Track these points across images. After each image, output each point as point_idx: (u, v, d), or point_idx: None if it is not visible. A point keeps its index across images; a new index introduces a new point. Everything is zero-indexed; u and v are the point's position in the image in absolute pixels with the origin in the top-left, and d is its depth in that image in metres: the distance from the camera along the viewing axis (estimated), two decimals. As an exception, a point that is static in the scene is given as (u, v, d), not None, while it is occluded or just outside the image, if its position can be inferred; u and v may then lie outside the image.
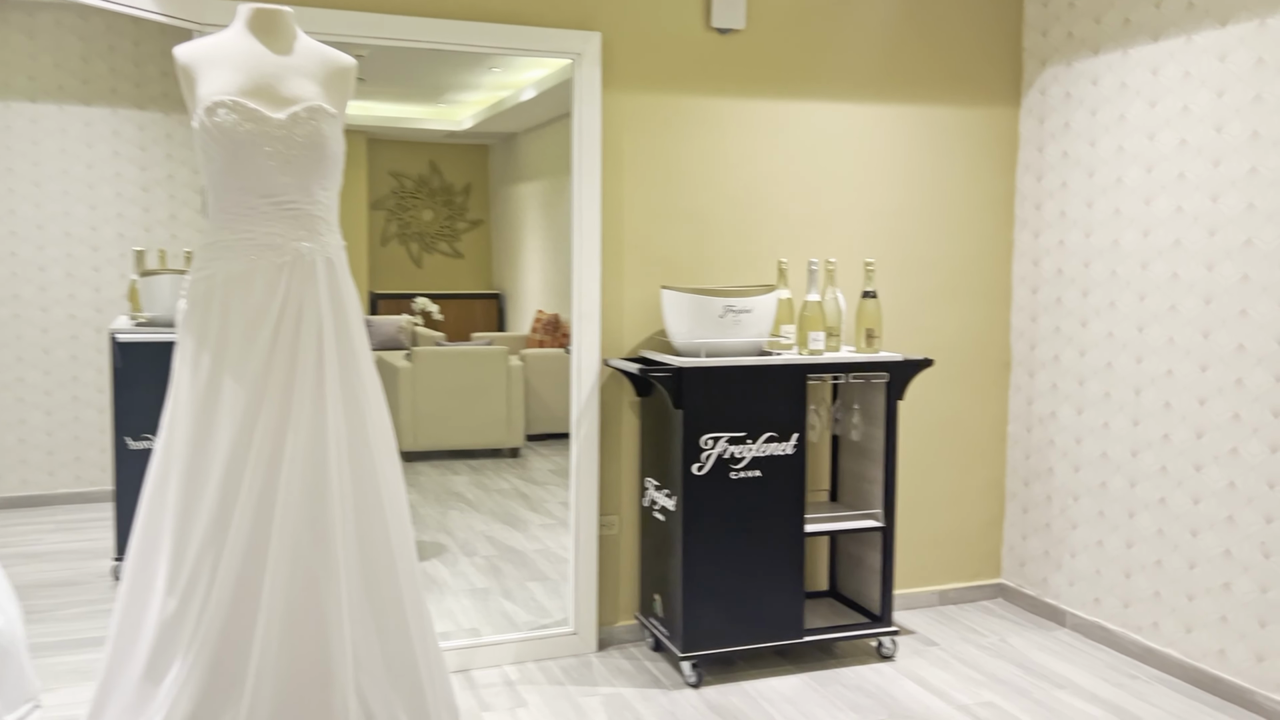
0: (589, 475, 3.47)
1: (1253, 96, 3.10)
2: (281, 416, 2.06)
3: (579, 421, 3.45)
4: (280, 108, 2.12)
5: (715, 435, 3.19)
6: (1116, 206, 3.58)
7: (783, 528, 3.30)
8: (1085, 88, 3.70)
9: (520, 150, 10.53)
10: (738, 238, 3.65)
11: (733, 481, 3.23)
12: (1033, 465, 4.00)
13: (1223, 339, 3.21)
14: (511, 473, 6.23)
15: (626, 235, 3.50)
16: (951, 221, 3.95)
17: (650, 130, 3.51)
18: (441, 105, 9.64)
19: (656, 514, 3.39)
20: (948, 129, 3.91)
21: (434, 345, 6.85)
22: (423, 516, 5.17)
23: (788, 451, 3.28)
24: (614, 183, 3.47)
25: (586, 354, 3.43)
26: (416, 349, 6.38)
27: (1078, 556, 3.79)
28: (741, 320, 3.21)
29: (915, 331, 3.93)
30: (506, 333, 9.04)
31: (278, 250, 2.11)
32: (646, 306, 3.54)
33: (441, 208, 11.64)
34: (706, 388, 3.17)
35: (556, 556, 4.52)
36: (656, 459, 3.38)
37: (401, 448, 6.47)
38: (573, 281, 3.44)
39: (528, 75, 8.00)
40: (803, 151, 3.71)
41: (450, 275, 11.72)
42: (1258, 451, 3.11)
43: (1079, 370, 3.76)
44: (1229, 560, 3.20)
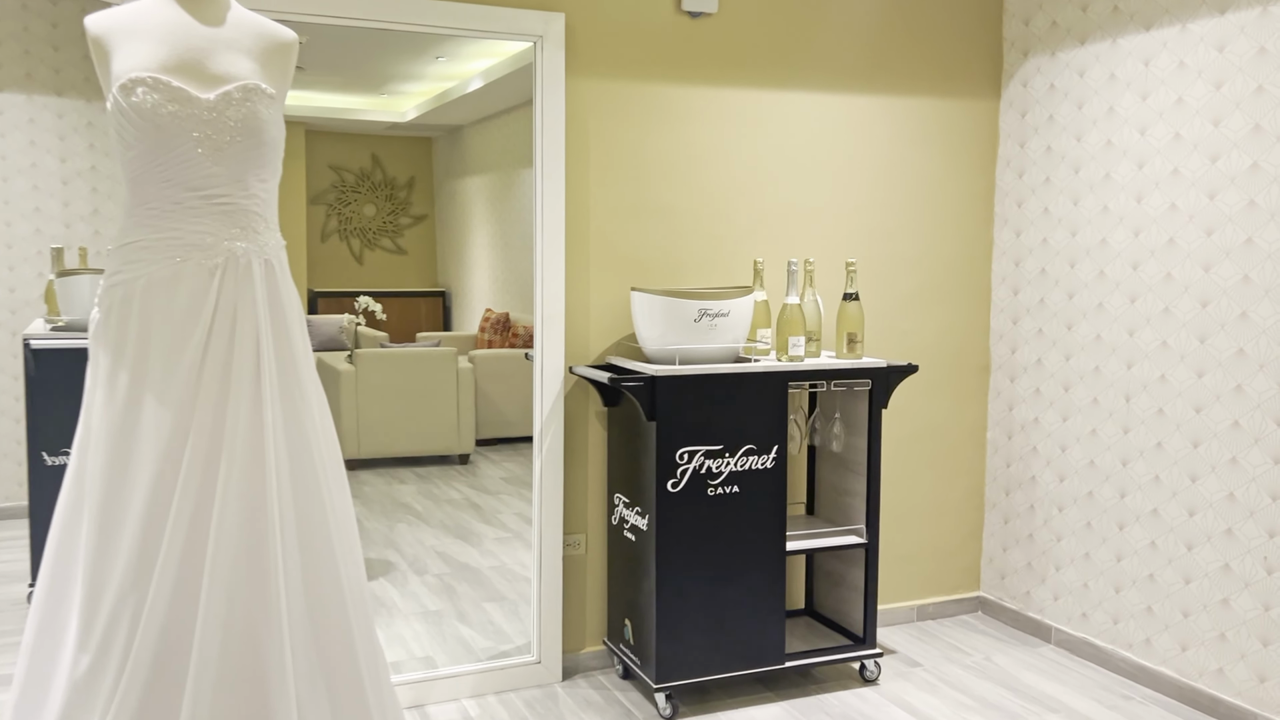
0: (553, 492, 3.21)
1: (1254, 88, 2.94)
2: (213, 443, 1.78)
3: (542, 434, 3.20)
4: (209, 87, 1.84)
5: (692, 449, 2.96)
6: (1105, 204, 3.42)
7: (763, 547, 3.08)
8: (1071, 79, 3.53)
9: (467, 143, 10.19)
10: (711, 236, 3.42)
11: (710, 498, 3.00)
12: (1014, 474, 3.83)
13: (1221, 343, 3.06)
14: (462, 481, 5.94)
15: (593, 233, 3.25)
16: (931, 219, 3.77)
17: (617, 120, 3.26)
18: (384, 96, 9.28)
19: (626, 533, 3.15)
20: (927, 122, 3.72)
21: (378, 346, 6.53)
22: (368, 531, 4.87)
23: (767, 465, 3.06)
24: (579, 176, 3.22)
25: (550, 361, 3.18)
26: (359, 350, 6.06)
27: (1063, 570, 3.62)
28: (718, 324, 2.99)
29: (894, 335, 3.74)
30: (453, 332, 8.73)
31: (208, 251, 1.83)
32: (614, 310, 3.30)
33: (384, 202, 11.26)
34: (682, 398, 2.94)
35: (514, 574, 4.25)
36: (626, 474, 3.14)
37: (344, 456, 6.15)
38: (535, 283, 3.18)
39: (475, 65, 7.70)
40: (778, 144, 3.50)
41: (394, 272, 11.34)
42: (1260, 462, 2.96)
43: (1064, 375, 3.60)
44: (1228, 575, 3.05)
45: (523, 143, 8.70)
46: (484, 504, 5.37)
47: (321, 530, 1.87)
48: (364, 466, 6.24)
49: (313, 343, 7.36)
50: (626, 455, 3.13)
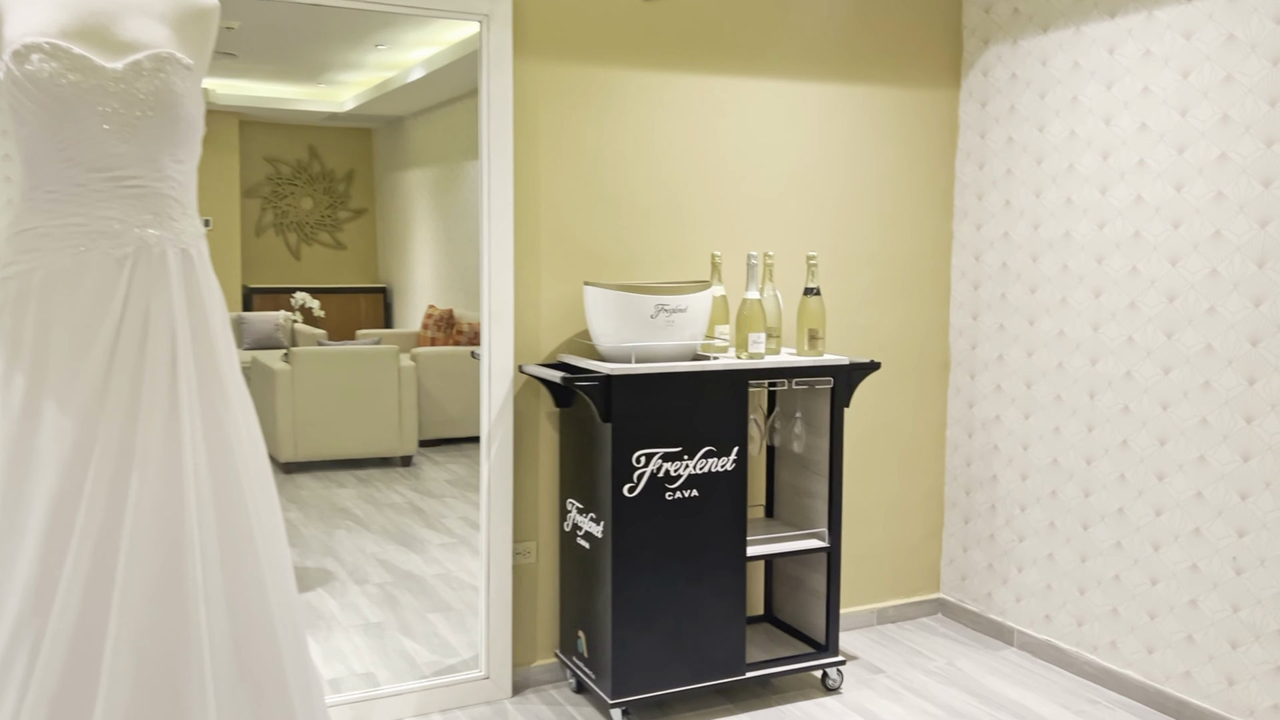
0: (501, 497, 3.05)
1: (1223, 77, 2.87)
2: (123, 455, 1.59)
3: (490, 436, 3.02)
4: (116, 55, 1.64)
5: (649, 451, 2.82)
6: (1068, 196, 3.34)
7: (723, 553, 2.94)
8: (1033, 68, 3.44)
9: (408, 134, 9.94)
10: (667, 228, 3.27)
11: (668, 503, 2.85)
12: (974, 473, 3.74)
13: (1189, 339, 2.99)
14: (404, 484, 5.73)
15: (543, 225, 3.09)
16: (891, 212, 3.66)
17: (569, 106, 3.10)
18: (321, 85, 8.98)
19: (580, 540, 2.99)
20: (887, 112, 3.61)
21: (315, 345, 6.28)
22: (305, 538, 4.65)
23: (728, 468, 2.92)
24: (528, 165, 3.05)
25: (498, 359, 3.01)
26: (295, 349, 5.82)
27: (1025, 571, 3.54)
28: (675, 321, 2.84)
29: (853, 330, 3.63)
30: (395, 330, 8.48)
31: (116, 239, 1.64)
32: (566, 305, 3.14)
33: (322, 196, 10.94)
34: (639, 398, 2.79)
35: (460, 581, 4.07)
36: (580, 479, 2.98)
37: (280, 458, 5.90)
38: (482, 277, 3.01)
39: (416, 54, 7.46)
40: (735, 133, 3.36)
41: (332, 268, 11.03)
42: (1228, 460, 2.89)
43: (1026, 372, 3.52)
44: (1196, 576, 2.99)
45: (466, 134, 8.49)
46: (428, 508, 5.17)
47: (247, 550, 1.69)
48: (301, 470, 6.00)
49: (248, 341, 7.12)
50: (580, 459, 2.98)
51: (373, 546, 4.51)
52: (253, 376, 6.37)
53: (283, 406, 5.81)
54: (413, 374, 6.11)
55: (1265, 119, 2.77)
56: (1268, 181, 2.77)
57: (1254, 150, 2.80)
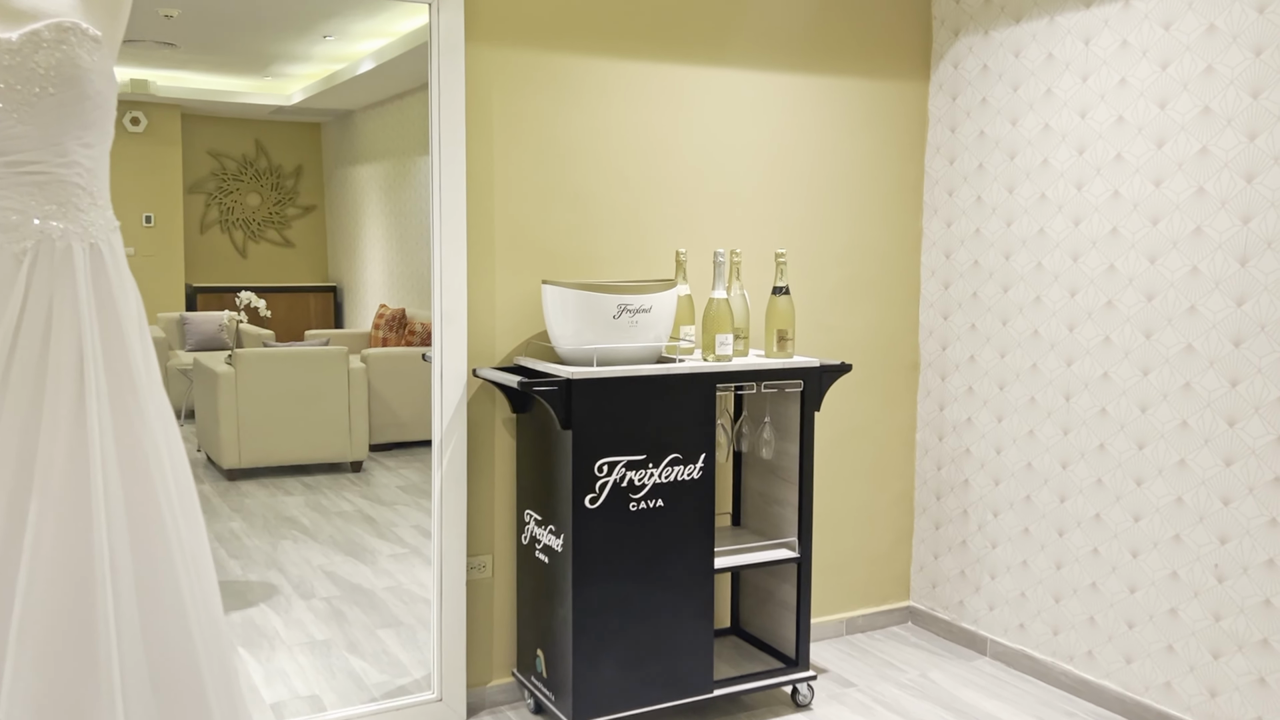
0: (455, 509, 2.87)
1: (1203, 68, 2.77)
2: (21, 476, 1.40)
3: (443, 444, 2.85)
4: (11, 24, 1.45)
5: (612, 460, 2.66)
6: (1042, 192, 3.23)
7: (690, 566, 2.79)
8: (1005, 60, 3.34)
9: (358, 129, 9.68)
10: (629, 224, 3.12)
11: (631, 514, 2.70)
12: (945, 477, 3.63)
13: (1168, 339, 2.89)
14: (354, 491, 5.52)
15: (498, 220, 2.92)
16: (859, 208, 3.54)
17: (525, 94, 2.93)
18: (267, 78, 8.70)
19: (539, 554, 2.83)
20: (855, 105, 3.49)
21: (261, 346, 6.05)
22: (248, 549, 4.44)
23: (694, 476, 2.78)
24: (482, 156, 2.88)
25: (451, 363, 2.84)
26: (240, 351, 5.58)
27: (999, 578, 3.44)
28: (639, 321, 2.69)
29: (821, 331, 3.50)
30: (345, 330, 8.24)
31: (14, 232, 1.45)
32: (523, 305, 2.97)
33: (269, 192, 10.63)
34: (601, 403, 2.63)
35: (411, 595, 3.89)
36: (539, 489, 2.82)
37: (224, 465, 5.65)
38: (433, 276, 2.83)
39: (365, 46, 7.23)
40: (700, 124, 3.22)
41: (280, 266, 10.73)
42: (1210, 464, 2.80)
43: (999, 373, 3.41)
44: (1176, 584, 2.89)
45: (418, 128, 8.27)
46: (378, 516, 4.97)
47: (167, 577, 1.51)
48: (245, 477, 5.76)
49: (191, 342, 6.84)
50: (538, 468, 2.81)
51: (320, 558, 4.31)
52: (195, 379, 6.11)
53: (226, 411, 5.58)
54: (363, 376, 5.90)
55: (1248, 111, 2.68)
56: (1250, 176, 2.68)
57: (1236, 144, 2.71)
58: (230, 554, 4.32)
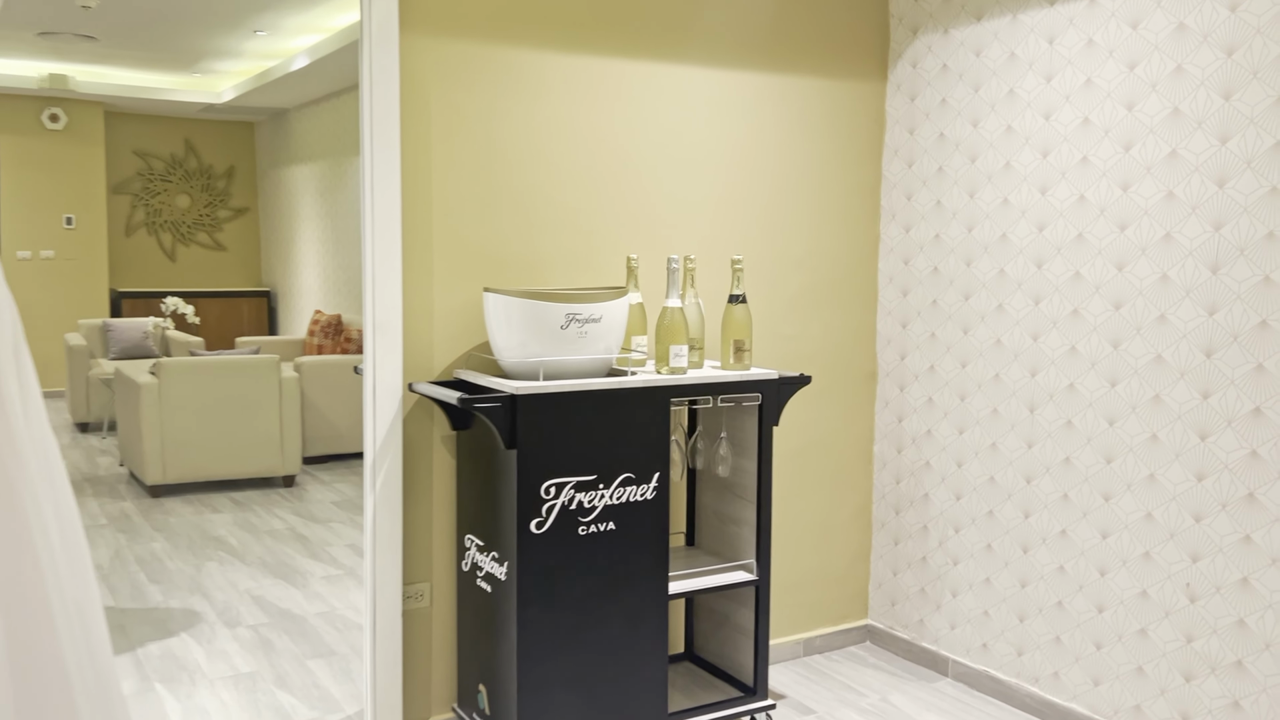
0: (390, 534, 2.67)
1: (1173, 69, 2.68)
2: None
3: (375, 465, 2.65)
4: None
5: (559, 481, 2.48)
6: (1005, 196, 3.12)
7: (643, 593, 2.62)
8: (966, 59, 3.22)
9: (293, 128, 9.37)
10: (577, 228, 2.94)
11: (581, 539, 2.52)
12: (905, 491, 3.51)
13: (1137, 349, 2.79)
14: (286, 507, 5.26)
15: (436, 224, 2.73)
16: (815, 213, 3.40)
17: (466, 89, 2.74)
18: (196, 74, 8.37)
19: (481, 582, 2.64)
20: (811, 105, 3.35)
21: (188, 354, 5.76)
22: (170, 574, 4.18)
23: (648, 496, 2.61)
24: (418, 155, 2.68)
25: (385, 376, 2.64)
26: (164, 360, 5.30)
27: (960, 596, 3.32)
28: (588, 332, 2.51)
29: (777, 341, 3.36)
30: (279, 336, 7.94)
31: None
32: (464, 315, 2.78)
33: (200, 193, 10.25)
34: (548, 420, 2.45)
35: (345, 621, 3.67)
36: (480, 512, 2.63)
37: (147, 481, 5.36)
38: (365, 283, 2.63)
39: (299, 42, 6.96)
40: (652, 123, 3.05)
41: (212, 270, 10.36)
42: (1181, 479, 2.70)
43: (960, 384, 3.29)
44: (1146, 603, 2.79)
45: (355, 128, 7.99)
46: (311, 534, 4.73)
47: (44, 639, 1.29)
48: (170, 493, 5.47)
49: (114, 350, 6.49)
50: (480, 489, 2.62)
51: (248, 581, 4.06)
52: (117, 389, 5.80)
53: (149, 423, 5.29)
54: (296, 385, 5.64)
55: (1220, 114, 2.59)
56: (1222, 181, 2.59)
57: (1207, 147, 2.61)
58: (150, 578, 4.06)
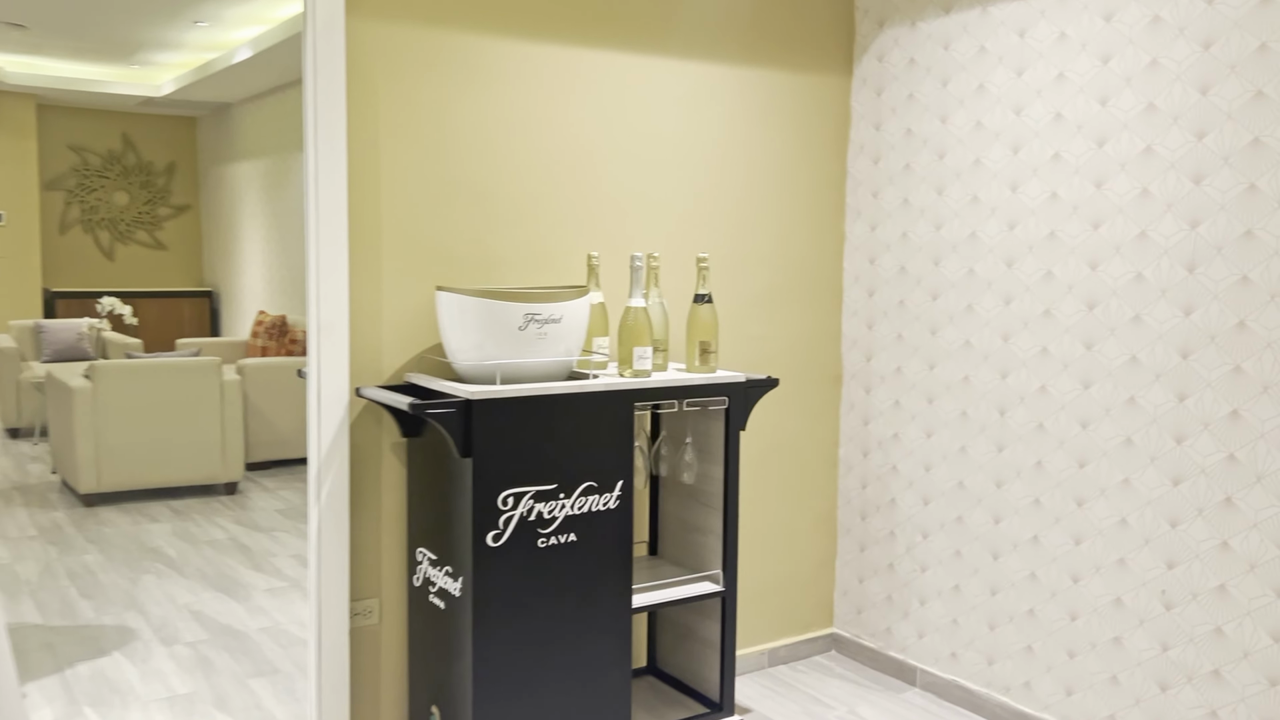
0: (336, 549, 2.52)
1: (1147, 63, 2.61)
2: None
3: (320, 475, 2.50)
4: None
5: (518, 490, 2.35)
6: (974, 194, 3.04)
7: (605, 606, 2.50)
8: (934, 53, 3.14)
9: (236, 123, 9.10)
10: (536, 224, 2.81)
11: (540, 552, 2.39)
12: (870, 496, 3.42)
13: (1111, 350, 2.72)
14: (227, 516, 5.06)
15: (386, 219, 2.58)
16: (781, 210, 3.30)
17: (417, 77, 2.60)
18: (135, 66, 8.08)
19: (434, 598, 2.49)
20: (775, 98, 3.25)
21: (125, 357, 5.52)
22: (104, 588, 3.97)
23: (610, 506, 2.48)
24: (366, 147, 2.54)
25: (330, 381, 2.49)
26: (99, 363, 5.07)
27: (929, 604, 3.23)
28: (548, 333, 2.38)
29: (742, 341, 3.25)
30: (222, 338, 7.69)
31: None
32: (415, 315, 2.64)
33: (139, 190, 9.94)
34: (506, 426, 2.32)
35: (289, 636, 3.50)
36: (433, 524, 2.49)
37: (80, 489, 5.11)
38: (309, 282, 2.48)
39: (241, 33, 6.74)
40: (614, 115, 2.93)
41: (151, 270, 10.05)
42: (1156, 484, 2.63)
43: (928, 386, 3.21)
44: (1120, 611, 2.72)
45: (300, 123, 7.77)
46: (254, 544, 4.54)
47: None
48: (105, 503, 5.23)
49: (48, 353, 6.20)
50: (433, 500, 2.48)
51: (186, 595, 3.87)
52: (49, 394, 5.55)
53: (83, 429, 5.05)
54: (238, 389, 5.43)
55: (1196, 109, 2.52)
56: (1199, 178, 2.52)
57: (1183, 143, 2.55)
58: (82, 593, 3.85)
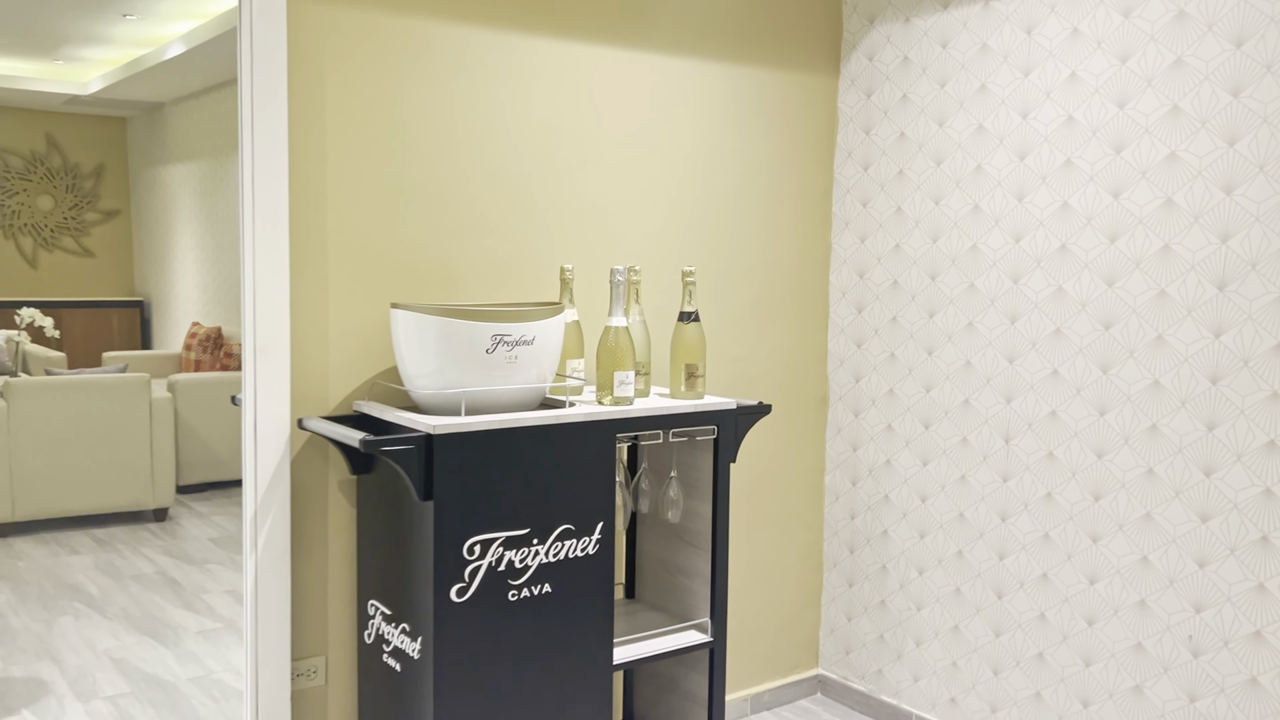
0: (275, 602, 2.21)
1: (1172, 61, 2.40)
2: None
3: (258, 519, 2.18)
4: None
5: (486, 537, 2.06)
6: (976, 203, 2.82)
7: (583, 664, 2.21)
8: (930, 51, 2.92)
9: (169, 124, 8.65)
10: (503, 233, 2.52)
11: (511, 605, 2.10)
12: (860, 527, 3.18)
13: (1130, 374, 2.50)
14: (156, 546, 4.67)
15: (333, 227, 2.27)
16: (764, 220, 3.05)
17: (371, 68, 2.30)
18: (59, 62, 7.61)
19: (388, 659, 2.19)
20: (757, 100, 3.00)
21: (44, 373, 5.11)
22: (14, 632, 3.58)
23: (590, 551, 2.20)
24: (311, 145, 2.23)
25: (269, 410, 2.17)
26: (11, 380, 4.66)
27: (925, 645, 3.00)
28: (519, 356, 2.10)
29: (725, 362, 2.99)
30: (153, 351, 7.26)
31: None
32: (367, 335, 2.33)
33: (65, 194, 9.43)
34: (472, 463, 2.02)
35: (224, 687, 3.15)
36: (388, 575, 2.18)
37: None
38: (244, 297, 2.17)
39: (173, 28, 6.33)
40: (589, 113, 2.65)
41: (78, 278, 9.54)
42: (1181, 519, 2.42)
43: (924, 410, 2.98)
44: (1141, 657, 2.50)
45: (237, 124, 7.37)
46: (185, 579, 4.17)
47: None
48: (19, 533, 4.81)
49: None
50: (388, 547, 2.18)
51: (108, 639, 3.50)
52: (-40, 413, 5.11)
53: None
54: (169, 406, 5.04)
55: (1227, 112, 2.31)
56: (1230, 187, 2.32)
57: (1213, 149, 2.34)
58: (-11, 638, 3.47)
